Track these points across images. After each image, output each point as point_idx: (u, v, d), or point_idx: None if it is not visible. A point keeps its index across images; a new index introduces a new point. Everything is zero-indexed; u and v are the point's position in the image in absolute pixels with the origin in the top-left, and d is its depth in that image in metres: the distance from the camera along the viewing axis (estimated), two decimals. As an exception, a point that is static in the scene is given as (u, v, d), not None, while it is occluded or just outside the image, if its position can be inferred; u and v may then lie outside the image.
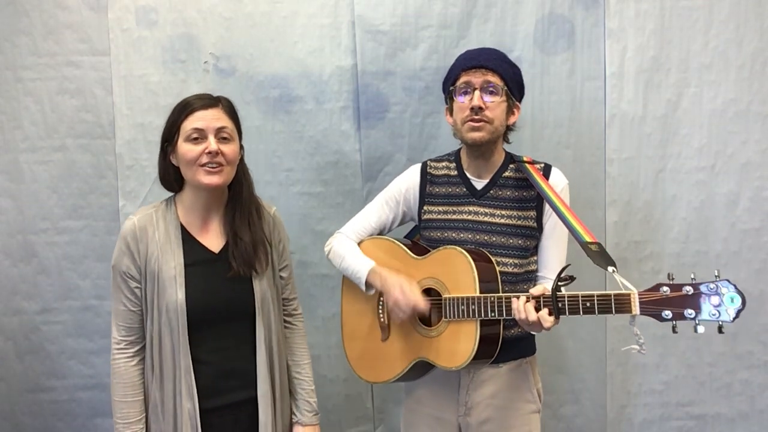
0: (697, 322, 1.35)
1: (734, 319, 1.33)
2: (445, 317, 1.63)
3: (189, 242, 1.57)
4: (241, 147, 1.62)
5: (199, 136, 1.51)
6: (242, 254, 1.57)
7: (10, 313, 2.28)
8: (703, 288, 1.34)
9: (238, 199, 1.61)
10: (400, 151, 2.26)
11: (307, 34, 2.23)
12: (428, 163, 1.83)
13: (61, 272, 2.27)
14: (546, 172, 1.71)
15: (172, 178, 1.60)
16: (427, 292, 1.69)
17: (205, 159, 1.50)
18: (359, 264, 1.75)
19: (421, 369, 1.73)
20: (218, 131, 1.52)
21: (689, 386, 2.28)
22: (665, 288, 1.37)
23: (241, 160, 1.62)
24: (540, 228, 1.69)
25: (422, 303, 1.62)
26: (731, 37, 2.20)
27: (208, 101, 1.55)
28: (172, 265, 1.53)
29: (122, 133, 2.23)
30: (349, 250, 1.79)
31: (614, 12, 2.20)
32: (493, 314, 1.54)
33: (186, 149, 1.52)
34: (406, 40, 2.22)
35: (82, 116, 2.24)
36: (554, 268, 1.63)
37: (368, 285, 1.75)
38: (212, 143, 1.50)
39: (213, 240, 1.60)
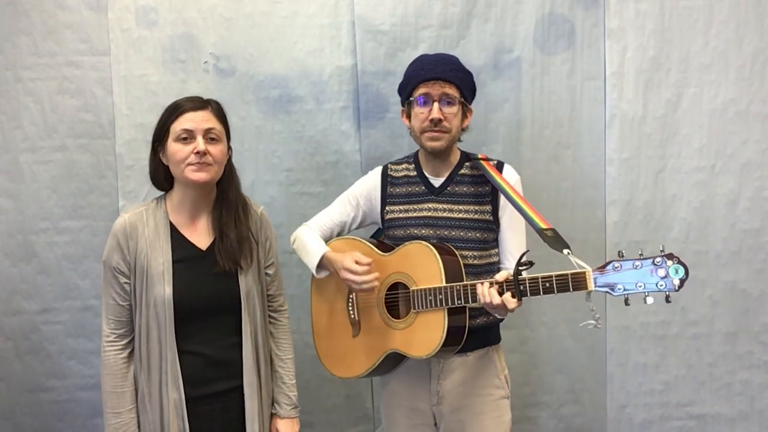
0: (646, 293, 1.45)
1: (679, 287, 1.44)
2: (414, 309, 1.69)
3: (177, 239, 1.63)
4: (229, 148, 1.68)
5: (188, 136, 1.57)
6: (227, 250, 1.63)
7: (10, 313, 2.28)
8: (649, 262, 1.45)
9: (225, 197, 1.67)
10: (400, 151, 2.25)
11: (307, 34, 2.23)
12: (389, 165, 1.90)
13: (61, 272, 2.27)
14: (499, 167, 1.80)
15: (161, 177, 1.65)
16: (396, 286, 1.76)
17: (193, 158, 1.56)
18: (315, 249, 1.83)
19: (393, 362, 1.79)
20: (206, 132, 1.58)
21: (689, 386, 2.28)
22: (616, 264, 1.48)
23: (229, 160, 1.68)
24: (497, 221, 1.78)
25: (366, 259, 1.70)
26: (731, 37, 2.20)
27: (198, 103, 1.61)
28: (160, 261, 1.58)
29: (122, 133, 2.23)
30: (310, 239, 1.87)
31: (614, 12, 2.20)
32: (459, 302, 1.61)
33: (175, 149, 1.57)
34: (406, 40, 2.22)
35: (82, 116, 2.24)
36: (515, 257, 1.70)
37: (321, 268, 1.82)
38: (200, 143, 1.56)
39: (201, 237, 1.65)
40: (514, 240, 1.79)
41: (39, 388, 2.30)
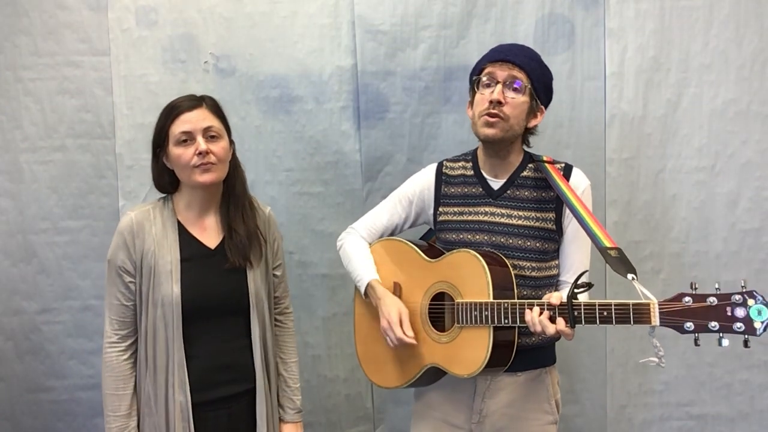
0: (721, 335, 1.29)
1: (762, 332, 1.25)
2: (458, 323, 1.58)
3: (185, 238, 1.61)
4: (232, 142, 1.66)
5: (188, 138, 1.55)
6: (238, 246, 1.61)
7: (10, 313, 2.28)
8: (728, 299, 1.28)
9: (232, 193, 1.66)
10: (400, 151, 2.26)
11: (307, 34, 2.23)
12: (444, 163, 1.79)
13: (61, 272, 2.27)
14: (567, 172, 1.66)
15: (166, 181, 1.64)
16: (440, 296, 1.67)
17: (196, 160, 1.54)
18: (362, 273, 1.74)
19: (433, 375, 1.69)
20: (205, 131, 1.56)
21: (689, 386, 2.28)
22: (687, 298, 1.31)
23: (233, 155, 1.66)
24: (560, 231, 1.65)
25: (408, 340, 1.60)
26: (731, 37, 2.20)
27: (193, 102, 1.59)
28: (168, 260, 1.56)
29: (122, 133, 2.23)
30: (358, 252, 1.77)
31: (614, 12, 2.20)
32: (506, 321, 1.49)
33: (178, 153, 1.56)
34: (406, 40, 2.22)
35: (82, 116, 2.24)
36: (575, 274, 1.59)
37: (366, 295, 1.75)
38: (201, 144, 1.54)
39: (209, 236, 1.63)
40: (577, 254, 1.63)
41: (39, 388, 2.29)
